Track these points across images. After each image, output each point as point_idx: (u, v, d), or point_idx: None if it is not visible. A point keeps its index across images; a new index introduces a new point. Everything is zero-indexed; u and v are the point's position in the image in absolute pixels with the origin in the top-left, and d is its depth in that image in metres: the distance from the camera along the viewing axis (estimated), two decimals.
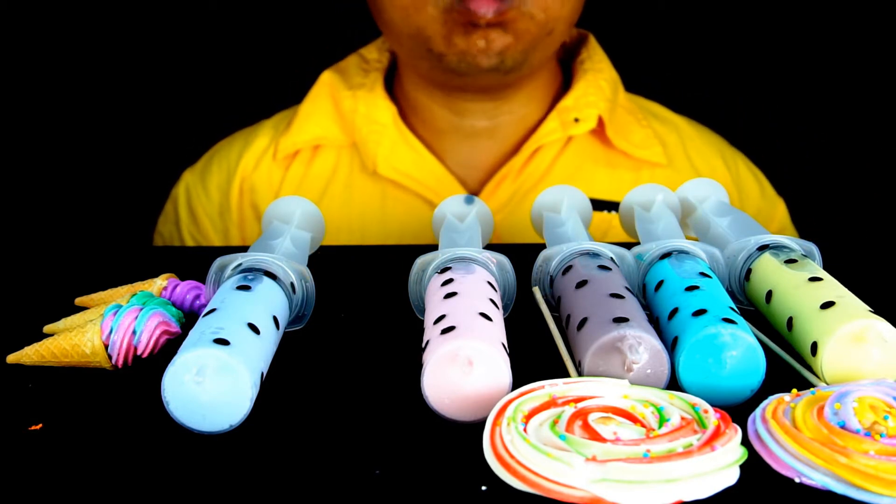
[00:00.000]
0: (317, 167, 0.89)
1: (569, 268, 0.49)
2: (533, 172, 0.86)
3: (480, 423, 0.37)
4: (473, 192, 0.86)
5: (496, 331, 0.42)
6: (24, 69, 1.21)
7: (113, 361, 0.46)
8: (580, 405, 0.37)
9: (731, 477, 0.34)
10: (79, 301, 0.55)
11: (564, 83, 0.91)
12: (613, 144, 0.87)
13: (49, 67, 1.21)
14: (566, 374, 0.41)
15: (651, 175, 0.87)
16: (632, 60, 1.11)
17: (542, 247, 0.52)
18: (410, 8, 0.78)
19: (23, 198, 1.22)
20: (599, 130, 0.88)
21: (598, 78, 0.88)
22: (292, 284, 0.49)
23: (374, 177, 0.87)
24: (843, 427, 0.35)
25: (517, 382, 0.39)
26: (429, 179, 0.86)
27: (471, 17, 0.76)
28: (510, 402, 0.38)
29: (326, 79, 0.91)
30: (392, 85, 0.92)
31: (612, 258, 0.50)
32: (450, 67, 0.80)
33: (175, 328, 0.48)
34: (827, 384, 0.41)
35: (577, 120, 0.86)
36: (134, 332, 0.46)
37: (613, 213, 0.84)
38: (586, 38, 0.93)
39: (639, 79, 1.05)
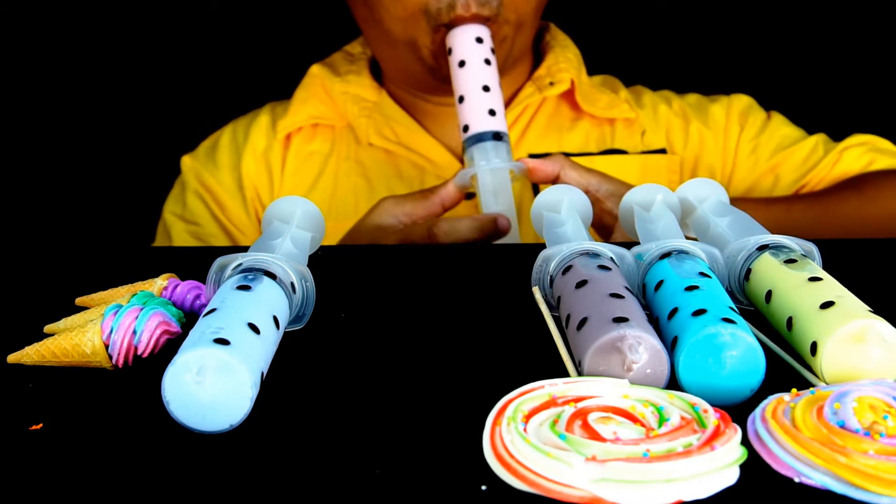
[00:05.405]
0: (315, 145, 0.96)
1: (569, 268, 0.49)
2: (512, 134, 0.92)
3: (480, 423, 0.37)
4: (461, 157, 0.92)
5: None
6: (24, 70, 1.21)
7: (113, 361, 0.46)
8: (580, 405, 0.37)
9: (730, 477, 0.34)
10: (79, 301, 0.55)
11: (534, 65, 1.00)
12: (581, 108, 0.96)
13: (49, 67, 1.21)
14: (566, 374, 0.41)
15: (615, 129, 0.96)
16: (631, 63, 1.13)
17: (542, 247, 0.52)
18: (409, 21, 0.84)
19: (22, 198, 1.22)
20: (569, 98, 0.97)
21: (565, 51, 0.98)
22: (292, 284, 0.49)
23: (369, 149, 0.94)
24: (842, 427, 0.35)
25: (517, 382, 0.39)
26: (419, 146, 0.93)
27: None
28: (510, 401, 0.38)
29: (315, 70, 0.98)
30: (376, 76, 0.99)
31: (612, 258, 0.50)
32: (442, 75, 0.85)
33: (175, 328, 0.48)
34: (826, 384, 0.41)
35: (551, 83, 0.95)
36: (134, 332, 0.46)
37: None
38: (548, 26, 1.02)
39: (635, 80, 1.06)
